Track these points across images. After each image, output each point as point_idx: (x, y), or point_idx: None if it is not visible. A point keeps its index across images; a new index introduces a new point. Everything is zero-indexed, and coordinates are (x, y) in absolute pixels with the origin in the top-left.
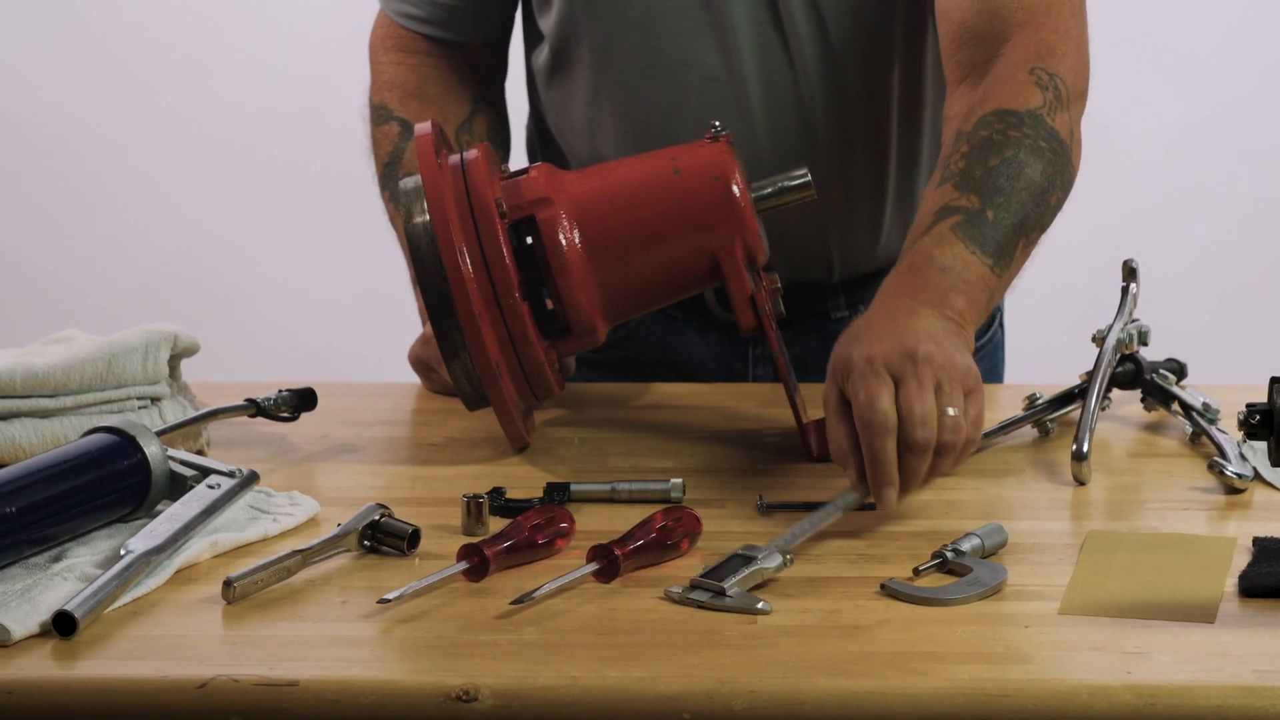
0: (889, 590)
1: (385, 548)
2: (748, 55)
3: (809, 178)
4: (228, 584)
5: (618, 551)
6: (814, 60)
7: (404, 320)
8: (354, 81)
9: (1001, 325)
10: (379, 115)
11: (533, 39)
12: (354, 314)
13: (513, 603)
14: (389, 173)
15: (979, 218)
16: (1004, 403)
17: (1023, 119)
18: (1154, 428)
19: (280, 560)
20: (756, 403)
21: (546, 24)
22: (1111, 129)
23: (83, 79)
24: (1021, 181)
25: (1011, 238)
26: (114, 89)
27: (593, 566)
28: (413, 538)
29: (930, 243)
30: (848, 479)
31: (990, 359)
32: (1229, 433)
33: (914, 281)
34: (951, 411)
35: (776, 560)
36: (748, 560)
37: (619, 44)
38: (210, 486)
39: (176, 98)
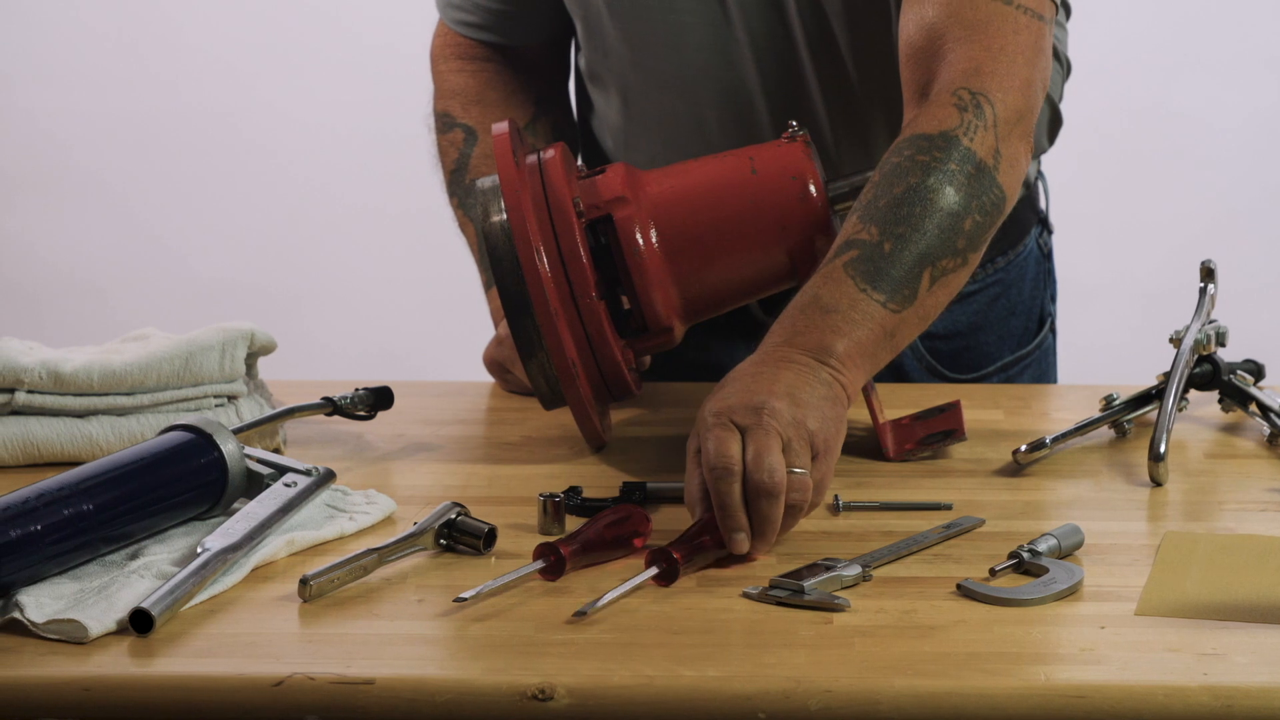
0: (965, 590)
1: (461, 546)
2: (768, 71)
3: None
4: (304, 582)
5: (676, 555)
6: (830, 77)
7: (476, 322)
8: (412, 82)
9: (1053, 330)
10: (443, 123)
11: (578, 44)
12: (427, 317)
13: (576, 614)
14: (456, 179)
15: (875, 251)
16: (1080, 403)
17: (934, 142)
18: (1231, 429)
19: (356, 559)
20: None
21: (580, 34)
22: (1189, 124)
23: (165, 74)
24: (927, 208)
25: (913, 270)
26: (196, 85)
27: (652, 571)
28: (489, 536)
29: (819, 282)
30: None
31: (1040, 364)
32: None
33: (795, 325)
34: (797, 470)
35: (855, 570)
36: (826, 569)
37: (645, 58)
38: (287, 485)
39: (257, 95)
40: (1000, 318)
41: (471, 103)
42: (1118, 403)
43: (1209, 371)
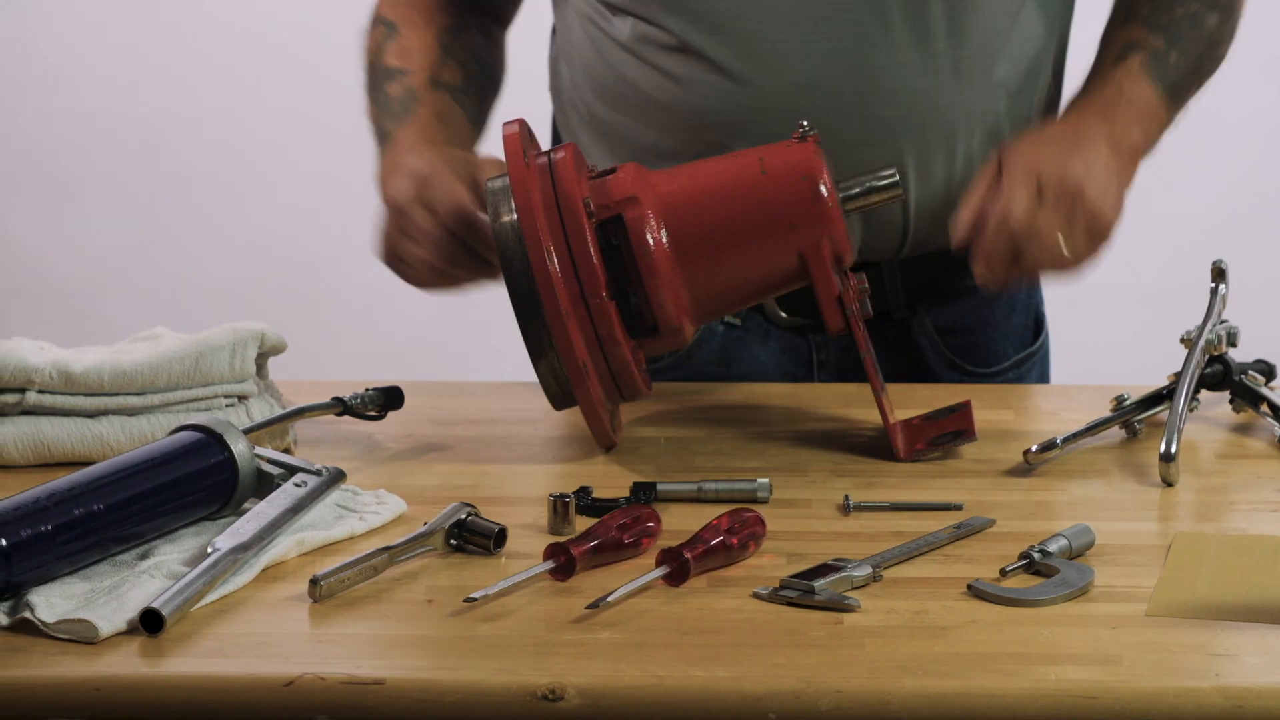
0: (976, 591)
1: (471, 546)
2: None
3: (897, 178)
4: (314, 582)
5: (688, 555)
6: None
7: (486, 323)
8: None
9: (1047, 334)
10: (371, 23)
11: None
12: (437, 317)
13: (588, 607)
14: (371, 72)
15: (1163, 58)
16: (1090, 403)
17: None
18: (1243, 429)
19: (367, 559)
20: (842, 403)
21: None
22: (1189, 123)
23: (173, 76)
24: (1201, 31)
25: (1187, 81)
26: (204, 86)
27: (663, 570)
28: (499, 537)
29: (1121, 75)
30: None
31: (1040, 367)
32: None
33: (1103, 111)
34: (1061, 243)
35: (866, 570)
36: (837, 569)
37: None
38: (297, 485)
39: (264, 96)
40: (1002, 315)
41: (400, 2)
42: (1128, 403)
43: (1220, 372)
